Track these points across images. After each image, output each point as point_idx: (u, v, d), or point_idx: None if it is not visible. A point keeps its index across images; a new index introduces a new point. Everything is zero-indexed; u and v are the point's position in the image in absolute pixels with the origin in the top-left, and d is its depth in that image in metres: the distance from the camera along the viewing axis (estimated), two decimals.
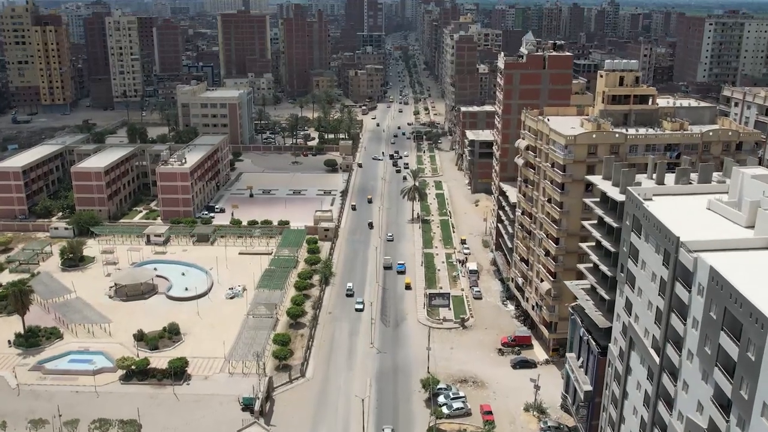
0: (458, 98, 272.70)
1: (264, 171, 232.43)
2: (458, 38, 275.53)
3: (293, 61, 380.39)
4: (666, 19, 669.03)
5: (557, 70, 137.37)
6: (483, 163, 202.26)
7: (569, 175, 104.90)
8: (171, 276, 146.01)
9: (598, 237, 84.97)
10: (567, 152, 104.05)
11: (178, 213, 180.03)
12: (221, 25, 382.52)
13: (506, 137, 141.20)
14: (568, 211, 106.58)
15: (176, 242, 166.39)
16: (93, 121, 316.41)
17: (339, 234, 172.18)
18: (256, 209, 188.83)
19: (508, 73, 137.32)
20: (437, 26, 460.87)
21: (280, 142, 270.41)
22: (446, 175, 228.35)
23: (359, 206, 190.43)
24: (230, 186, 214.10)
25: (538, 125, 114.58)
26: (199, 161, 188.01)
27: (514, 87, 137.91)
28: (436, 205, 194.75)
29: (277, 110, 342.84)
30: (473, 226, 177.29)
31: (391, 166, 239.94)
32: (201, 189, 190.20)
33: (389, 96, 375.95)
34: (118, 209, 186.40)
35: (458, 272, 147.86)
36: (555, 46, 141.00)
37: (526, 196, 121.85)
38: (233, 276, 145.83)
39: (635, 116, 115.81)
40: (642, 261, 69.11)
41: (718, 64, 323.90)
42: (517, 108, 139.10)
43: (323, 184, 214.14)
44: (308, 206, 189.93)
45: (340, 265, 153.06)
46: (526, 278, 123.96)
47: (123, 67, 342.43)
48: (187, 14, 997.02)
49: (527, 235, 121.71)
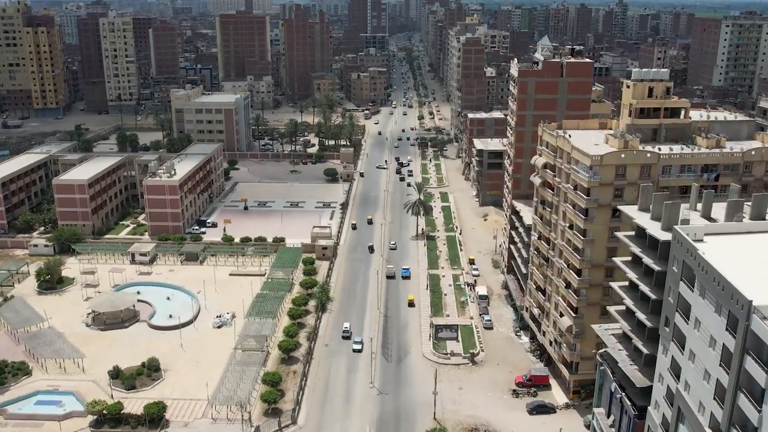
0: (465, 103, 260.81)
1: (260, 181, 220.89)
2: (465, 41, 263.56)
3: (294, 64, 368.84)
4: (675, 19, 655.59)
5: (576, 79, 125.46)
6: (492, 174, 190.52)
7: (594, 200, 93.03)
8: (155, 301, 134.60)
9: (634, 278, 73.11)
10: (592, 174, 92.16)
11: (167, 228, 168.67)
12: (220, 26, 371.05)
13: (520, 151, 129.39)
14: (593, 240, 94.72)
15: (163, 261, 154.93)
16: (86, 125, 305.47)
17: (338, 252, 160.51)
18: (250, 223, 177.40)
19: (522, 81, 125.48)
20: (442, 27, 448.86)
21: (279, 149, 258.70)
22: (452, 186, 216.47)
23: (359, 224, 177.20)
24: (224, 197, 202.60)
25: (558, 141, 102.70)
26: (189, 172, 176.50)
27: (529, 96, 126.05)
28: (442, 220, 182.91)
29: (276, 114, 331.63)
30: (482, 243, 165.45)
31: (394, 174, 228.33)
32: (192, 202, 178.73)
33: (392, 103, 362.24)
34: (103, 223, 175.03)
35: (467, 297, 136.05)
36: (573, 52, 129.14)
37: (543, 219, 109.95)
38: (222, 300, 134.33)
39: (666, 131, 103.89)
40: (695, 319, 57.25)
41: (734, 67, 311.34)
42: (531, 119, 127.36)
43: (322, 196, 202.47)
44: (306, 220, 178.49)
45: (339, 289, 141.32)
46: (542, 309, 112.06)
47: (118, 70, 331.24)
48: (189, 14, 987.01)
49: (544, 262, 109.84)
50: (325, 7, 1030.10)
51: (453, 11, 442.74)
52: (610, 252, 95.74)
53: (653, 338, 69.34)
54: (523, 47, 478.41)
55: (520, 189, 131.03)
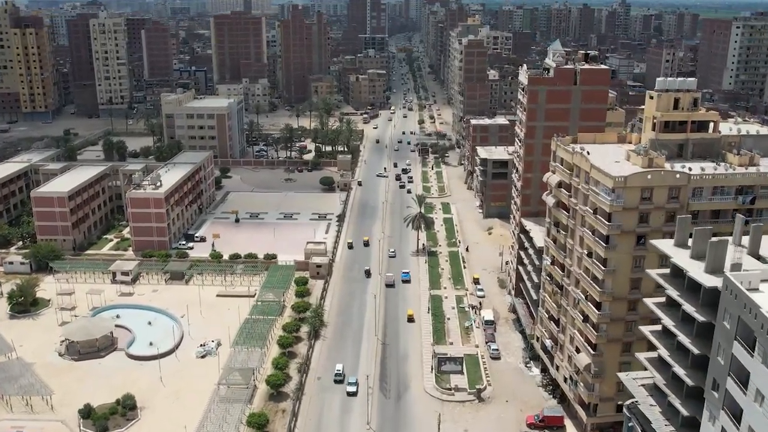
0: (467, 108, 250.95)
1: (253, 190, 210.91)
2: (467, 43, 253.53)
3: (291, 66, 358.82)
4: (679, 20, 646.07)
5: (591, 87, 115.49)
6: (496, 184, 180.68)
7: (617, 226, 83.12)
8: (135, 326, 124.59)
9: (669, 325, 63.18)
10: (615, 197, 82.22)
11: (152, 244, 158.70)
12: (214, 28, 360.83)
13: (529, 165, 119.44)
14: (615, 270, 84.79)
15: (147, 280, 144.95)
16: (75, 130, 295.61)
17: (333, 269, 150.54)
18: (241, 237, 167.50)
19: (533, 89, 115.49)
20: (443, 28, 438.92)
21: (274, 156, 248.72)
22: (455, 195, 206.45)
23: (356, 243, 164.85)
24: (215, 208, 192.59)
25: (575, 159, 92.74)
26: (177, 183, 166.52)
27: (540, 106, 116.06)
28: (444, 233, 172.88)
29: (272, 118, 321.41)
30: (487, 260, 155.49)
31: (394, 183, 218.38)
32: (179, 215, 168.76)
33: (391, 107, 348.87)
34: (85, 238, 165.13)
35: (471, 322, 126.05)
36: (587, 58, 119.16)
37: (557, 242, 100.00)
38: (207, 326, 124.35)
39: (693, 147, 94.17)
40: (756, 391, 47.36)
41: (745, 70, 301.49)
42: (542, 131, 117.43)
43: (318, 207, 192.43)
44: (300, 234, 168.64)
45: (333, 313, 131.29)
46: (555, 341, 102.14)
47: (109, 72, 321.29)
48: (186, 14, 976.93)
49: (558, 290, 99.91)
50: (325, 7, 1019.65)
51: (454, 12, 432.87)
52: (634, 283, 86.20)
53: (695, 396, 59.51)
54: (524, 48, 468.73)
55: (530, 206, 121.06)
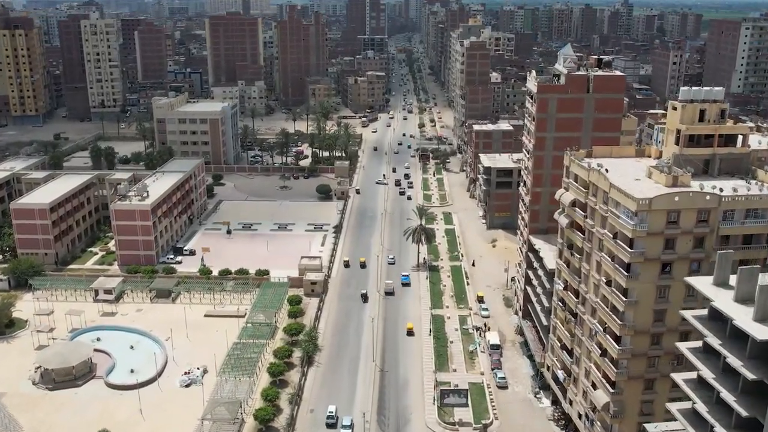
0: (469, 112, 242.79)
1: (247, 198, 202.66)
2: (469, 45, 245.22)
3: (288, 68, 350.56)
4: (682, 20, 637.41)
5: (605, 95, 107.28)
6: (500, 194, 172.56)
7: (639, 253, 74.95)
8: (116, 350, 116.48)
9: (709, 378, 54.95)
10: (638, 221, 74.05)
11: (138, 258, 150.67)
12: (209, 29, 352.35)
13: (538, 179, 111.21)
14: (637, 301, 76.63)
15: (131, 298, 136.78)
16: (66, 134, 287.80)
17: (329, 286, 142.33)
18: (232, 250, 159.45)
19: (543, 98, 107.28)
20: (443, 29, 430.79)
21: (269, 162, 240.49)
22: (456, 204, 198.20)
23: (353, 261, 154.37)
24: (206, 218, 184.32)
25: (591, 176, 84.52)
26: (165, 194, 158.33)
27: (550, 116, 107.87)
28: (446, 245, 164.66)
29: (269, 122, 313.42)
30: (491, 274, 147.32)
31: (393, 190, 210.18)
32: (168, 227, 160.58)
33: (390, 112, 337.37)
34: (68, 251, 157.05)
35: (476, 345, 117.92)
36: (600, 63, 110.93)
37: (570, 266, 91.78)
38: (193, 350, 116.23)
39: (720, 162, 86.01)
40: None
41: (754, 72, 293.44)
42: (552, 142, 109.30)
43: (314, 216, 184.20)
44: (294, 246, 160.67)
45: (328, 334, 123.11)
46: (569, 373, 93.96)
47: (101, 75, 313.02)
48: (185, 15, 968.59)
49: (572, 318, 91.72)
50: (324, 7, 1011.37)
51: (455, 12, 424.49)
52: (658, 315, 78.16)
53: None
54: (526, 49, 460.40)
55: (539, 223, 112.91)
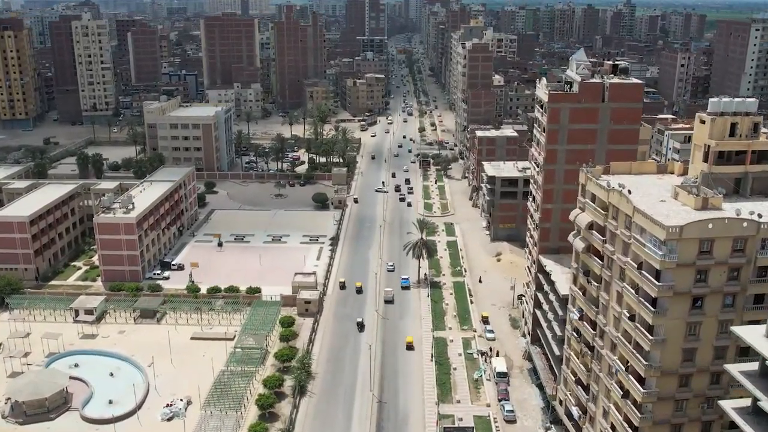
0: (471, 116, 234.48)
1: (240, 207, 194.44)
2: (471, 47, 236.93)
3: (285, 70, 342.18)
4: (686, 21, 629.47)
5: (622, 104, 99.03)
6: (505, 204, 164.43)
7: (668, 286, 66.80)
8: (94, 378, 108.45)
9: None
10: (667, 250, 65.89)
11: (123, 274, 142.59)
12: (204, 30, 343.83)
13: (549, 195, 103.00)
14: (665, 340, 68.49)
15: (114, 318, 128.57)
16: (56, 138, 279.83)
17: (324, 305, 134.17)
18: (223, 265, 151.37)
19: (554, 107, 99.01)
20: (444, 30, 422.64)
21: (264, 168, 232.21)
22: (459, 214, 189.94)
23: (349, 282, 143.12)
24: (197, 229, 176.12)
25: (611, 197, 76.34)
26: (152, 205, 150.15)
27: (562, 127, 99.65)
28: (448, 259, 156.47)
29: (265, 125, 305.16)
30: (496, 291, 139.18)
31: (393, 199, 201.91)
32: (155, 240, 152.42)
33: (389, 117, 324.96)
34: (50, 266, 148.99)
35: (481, 372, 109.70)
36: (616, 70, 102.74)
37: (586, 294, 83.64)
38: (178, 377, 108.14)
39: (753, 182, 77.92)
40: None
41: (764, 75, 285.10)
42: (564, 155, 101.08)
43: (310, 227, 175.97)
44: (288, 260, 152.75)
45: (323, 359, 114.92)
46: (584, 410, 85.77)
47: (92, 77, 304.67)
48: (183, 15, 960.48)
49: (588, 351, 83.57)
50: (324, 7, 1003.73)
51: (455, 13, 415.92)
52: (687, 354, 70.04)
53: None
54: (528, 51, 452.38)
55: (549, 242, 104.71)
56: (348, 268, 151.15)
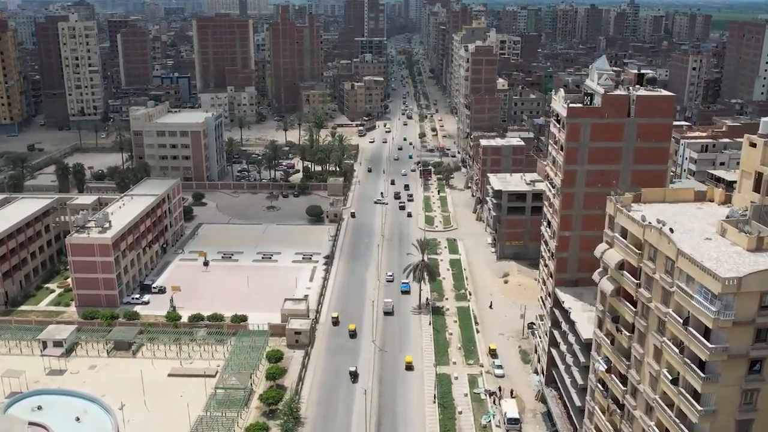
0: (474, 123, 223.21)
1: (230, 221, 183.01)
2: (474, 50, 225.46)
3: (280, 72, 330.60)
4: (691, 21, 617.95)
5: (650, 119, 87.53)
6: (512, 220, 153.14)
7: (722, 349, 55.40)
8: (57, 424, 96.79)
9: None
10: (721, 306, 54.46)
11: (99, 299, 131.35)
12: (197, 31, 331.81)
13: (567, 221, 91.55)
14: (715, 410, 57.11)
15: (85, 350, 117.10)
16: (42, 144, 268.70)
17: (316, 334, 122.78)
18: (207, 288, 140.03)
19: (574, 123, 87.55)
20: (444, 30, 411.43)
21: (257, 177, 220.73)
22: (462, 228, 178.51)
23: (343, 315, 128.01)
24: (183, 245, 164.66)
25: (648, 234, 64.94)
26: (131, 223, 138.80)
27: (582, 145, 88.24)
28: (451, 280, 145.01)
29: (260, 130, 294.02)
30: (504, 318, 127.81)
31: (393, 211, 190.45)
32: (134, 260, 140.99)
33: (386, 125, 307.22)
34: (21, 288, 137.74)
35: (489, 417, 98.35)
36: (641, 79, 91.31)
37: (615, 343, 72.25)
38: (151, 422, 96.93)
39: None
40: None
41: None
42: (584, 177, 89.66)
43: (303, 243, 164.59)
44: (279, 282, 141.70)
45: (313, 401, 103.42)
46: None
47: (80, 81, 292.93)
48: (180, 15, 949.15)
49: (617, 410, 72.16)
50: (323, 7, 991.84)
51: (457, 13, 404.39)
52: (742, 426, 58.50)
53: None
54: (531, 52, 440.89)
55: (567, 273, 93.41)
56: (343, 293, 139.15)
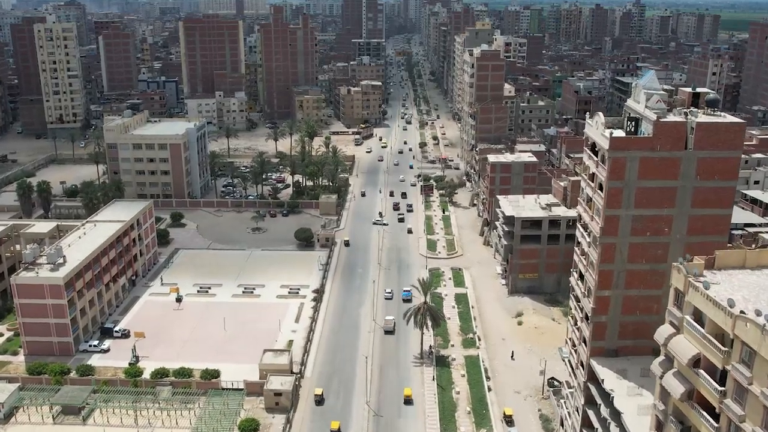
0: (480, 134, 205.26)
1: (210, 246, 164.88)
2: (480, 55, 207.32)
3: (273, 76, 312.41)
4: (699, 21, 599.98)
5: (714, 152, 69.65)
6: (526, 250, 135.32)
7: None
8: None
9: None
10: None
11: (50, 347, 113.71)
12: (183, 33, 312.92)
13: (607, 278, 73.57)
14: None
15: (27, 415, 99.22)
16: (16, 155, 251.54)
17: (301, 392, 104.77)
18: (177, 332, 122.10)
19: (618, 158, 69.52)
20: (446, 32, 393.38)
21: (243, 193, 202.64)
22: (468, 254, 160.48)
23: (327, 392, 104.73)
24: (156, 275, 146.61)
25: (741, 329, 46.92)
26: (90, 257, 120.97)
27: (628, 184, 70.24)
28: (457, 321, 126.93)
29: (250, 138, 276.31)
30: (520, 370, 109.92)
31: (392, 238, 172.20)
32: (94, 299, 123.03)
33: (382, 140, 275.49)
34: None
35: None
36: (696, 99, 73.34)
37: None
38: None
39: None
40: None
41: None
42: (629, 223, 71.69)
43: (290, 273, 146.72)
44: (260, 323, 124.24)
45: None
46: None
47: (58, 86, 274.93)
48: (176, 15, 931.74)
49: None
50: (321, 7, 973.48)
51: (459, 14, 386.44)
52: None
53: None
54: (536, 54, 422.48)
55: (605, 341, 75.40)
56: (332, 343, 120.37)
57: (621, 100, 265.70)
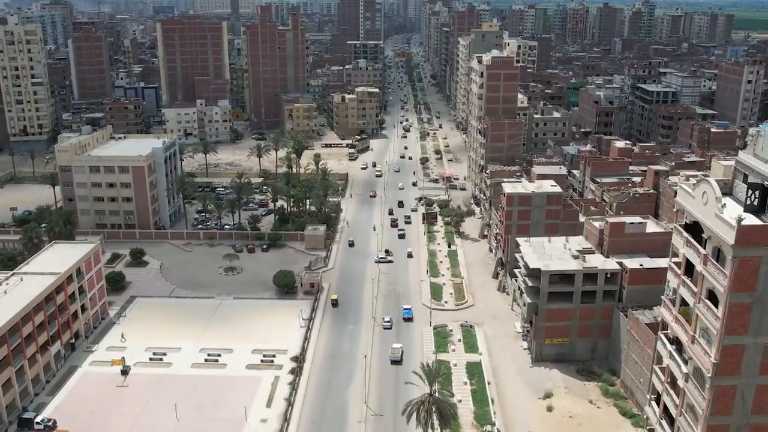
0: (490, 153, 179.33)
1: (172, 293, 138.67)
2: (490, 62, 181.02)
3: (260, 83, 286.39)
4: (712, 21, 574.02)
5: None
6: (555, 311, 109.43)
7: None
8: None
9: None
10: None
11: None
12: (161, 35, 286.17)
13: (726, 400, 47.31)
14: None
15: None
16: None
17: None
18: (115, 422, 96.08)
19: (749, 259, 43.36)
20: (448, 33, 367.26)
21: (219, 222, 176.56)
22: (480, 304, 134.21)
23: None
24: (102, 335, 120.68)
25: None
26: (5, 327, 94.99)
27: (760, 299, 44.07)
28: (471, 405, 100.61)
29: (234, 152, 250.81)
30: None
31: (388, 285, 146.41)
32: (12, 380, 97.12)
33: (377, 168, 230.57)
34: None
35: None
36: None
37: None
38: None
39: None
40: None
41: None
42: (758, 356, 45.57)
43: (266, 332, 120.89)
44: (223, 409, 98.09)
45: None
46: None
47: (21, 95, 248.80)
48: (169, 14, 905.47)
49: None
50: (318, 6, 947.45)
51: (462, 14, 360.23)
52: None
53: None
54: (544, 57, 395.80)
55: None
56: None
57: (643, 111, 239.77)
